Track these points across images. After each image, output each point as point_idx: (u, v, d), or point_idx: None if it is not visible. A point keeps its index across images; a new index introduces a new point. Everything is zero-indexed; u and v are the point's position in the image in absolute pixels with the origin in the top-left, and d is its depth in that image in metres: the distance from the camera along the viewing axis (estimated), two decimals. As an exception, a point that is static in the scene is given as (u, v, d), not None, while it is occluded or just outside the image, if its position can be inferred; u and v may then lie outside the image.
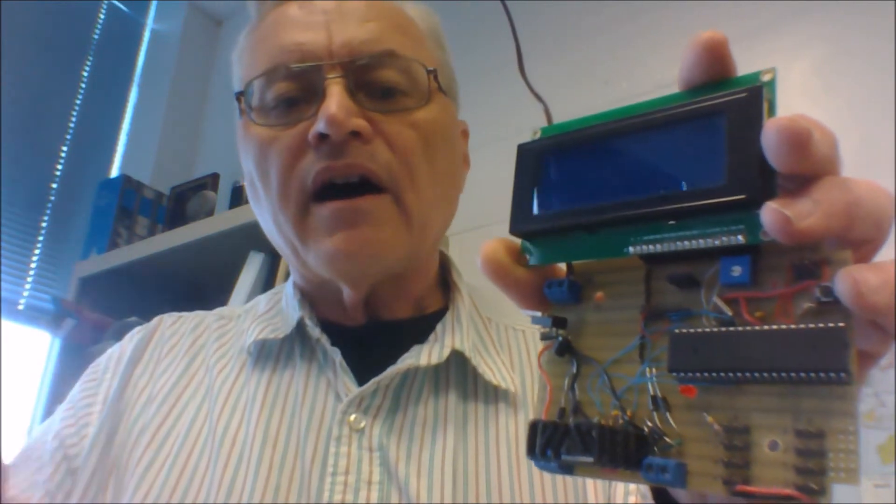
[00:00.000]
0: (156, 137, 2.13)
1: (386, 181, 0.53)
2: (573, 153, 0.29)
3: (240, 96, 0.57)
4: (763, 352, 0.22)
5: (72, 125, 2.03)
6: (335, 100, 0.51)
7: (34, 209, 1.91)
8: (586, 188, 0.28)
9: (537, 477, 0.52)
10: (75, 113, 2.04)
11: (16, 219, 1.86)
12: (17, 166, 1.85)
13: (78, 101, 2.05)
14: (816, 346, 0.22)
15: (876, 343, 0.24)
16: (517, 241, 0.30)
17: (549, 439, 0.25)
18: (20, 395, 1.71)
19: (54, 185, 1.97)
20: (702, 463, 0.24)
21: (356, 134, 0.52)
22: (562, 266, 0.30)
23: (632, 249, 0.26)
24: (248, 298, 1.34)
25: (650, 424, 0.25)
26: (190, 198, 1.76)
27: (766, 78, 0.25)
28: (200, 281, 1.61)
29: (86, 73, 2.09)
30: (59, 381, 1.58)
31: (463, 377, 0.56)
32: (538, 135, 0.30)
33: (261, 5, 0.60)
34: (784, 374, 0.22)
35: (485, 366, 0.56)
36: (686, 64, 0.26)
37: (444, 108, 0.58)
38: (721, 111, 0.25)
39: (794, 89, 1.29)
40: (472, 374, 0.56)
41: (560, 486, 0.52)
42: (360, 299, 0.57)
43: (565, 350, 0.28)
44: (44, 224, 1.93)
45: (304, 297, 0.60)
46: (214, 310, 0.67)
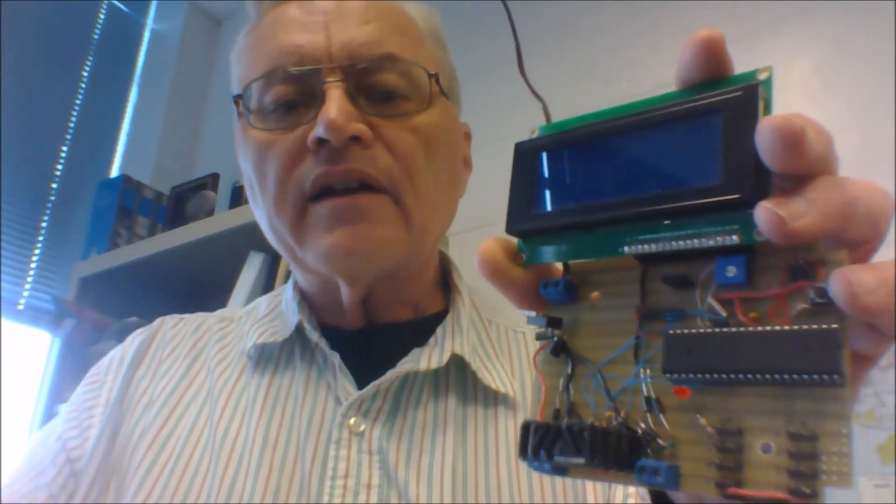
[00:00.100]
0: (156, 137, 2.13)
1: (386, 186, 0.53)
2: (569, 152, 0.28)
3: (238, 99, 0.57)
4: (757, 353, 0.22)
5: (72, 125, 2.03)
6: (335, 104, 0.51)
7: (34, 209, 1.91)
8: (582, 187, 0.28)
9: (536, 481, 0.51)
10: (75, 113, 2.04)
11: (16, 219, 1.86)
12: (17, 166, 1.85)
13: (78, 101, 2.05)
14: (810, 348, 0.21)
15: (873, 345, 0.24)
16: (514, 240, 0.29)
17: (541, 440, 0.25)
18: (20, 395, 1.71)
19: (54, 185, 1.97)
20: (694, 465, 0.24)
21: (356, 139, 0.51)
22: (558, 266, 0.30)
23: (627, 249, 0.26)
24: (248, 298, 1.34)
25: (643, 426, 0.25)
26: (190, 198, 1.76)
27: (763, 76, 0.25)
28: (200, 281, 1.60)
29: (86, 73, 2.09)
30: (59, 381, 1.58)
31: (463, 381, 0.56)
32: (535, 133, 0.30)
33: (259, 5, 0.60)
34: (777, 376, 0.22)
35: (484, 370, 0.56)
36: (683, 62, 0.26)
37: (445, 112, 0.58)
38: (717, 109, 0.24)
39: (794, 89, 1.29)
40: (472, 378, 0.56)
41: (559, 489, 0.51)
42: (359, 300, 0.57)
43: (560, 350, 0.28)
44: (44, 224, 1.93)
45: (304, 299, 0.59)
46: (216, 312, 0.67)
